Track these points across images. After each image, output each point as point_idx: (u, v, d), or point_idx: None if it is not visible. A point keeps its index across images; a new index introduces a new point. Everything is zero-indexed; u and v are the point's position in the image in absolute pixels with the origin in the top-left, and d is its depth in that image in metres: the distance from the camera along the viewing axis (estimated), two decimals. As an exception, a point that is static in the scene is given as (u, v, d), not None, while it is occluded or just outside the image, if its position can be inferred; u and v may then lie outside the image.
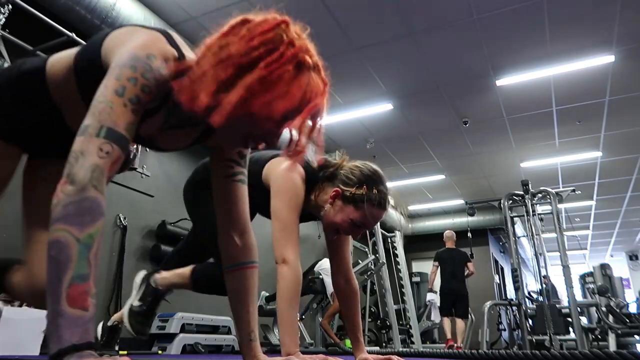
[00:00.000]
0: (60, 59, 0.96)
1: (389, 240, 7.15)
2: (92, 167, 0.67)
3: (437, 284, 6.61)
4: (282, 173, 1.39)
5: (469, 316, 6.47)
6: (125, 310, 1.73)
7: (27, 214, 1.09)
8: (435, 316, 6.59)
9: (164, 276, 1.74)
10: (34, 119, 0.99)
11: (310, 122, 0.79)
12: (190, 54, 0.86)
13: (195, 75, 0.76)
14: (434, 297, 6.59)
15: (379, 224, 6.33)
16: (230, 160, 1.02)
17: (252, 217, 1.65)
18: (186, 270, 1.69)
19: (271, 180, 1.41)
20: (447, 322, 6.26)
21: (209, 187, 1.57)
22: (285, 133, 0.83)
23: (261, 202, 1.49)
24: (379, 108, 5.75)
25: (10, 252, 2.21)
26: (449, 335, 6.18)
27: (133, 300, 1.74)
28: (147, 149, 1.06)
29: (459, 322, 6.19)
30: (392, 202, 1.44)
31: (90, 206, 0.66)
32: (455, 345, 6.03)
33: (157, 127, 0.91)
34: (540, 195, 5.54)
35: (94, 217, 0.66)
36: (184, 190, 1.70)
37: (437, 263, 6.45)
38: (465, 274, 6.37)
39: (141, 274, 1.80)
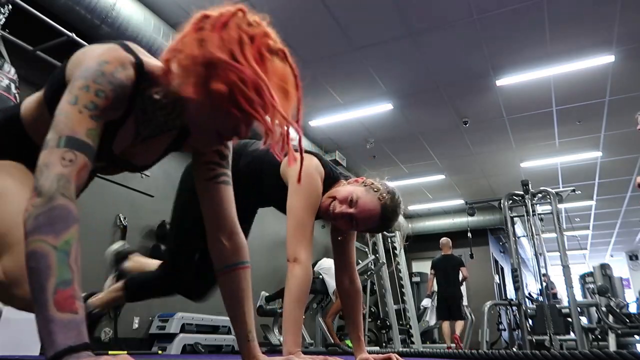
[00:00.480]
0: (32, 99, 0.98)
1: (389, 240, 7.15)
2: (57, 176, 0.67)
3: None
4: (303, 172, 1.35)
5: (469, 316, 6.54)
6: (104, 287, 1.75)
7: None
8: (430, 319, 6.82)
9: (131, 264, 1.76)
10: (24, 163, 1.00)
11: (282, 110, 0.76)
12: (150, 60, 0.87)
13: (175, 72, 0.77)
14: (427, 303, 6.86)
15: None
16: (212, 163, 1.02)
17: (258, 207, 1.65)
18: (156, 262, 1.69)
19: (290, 177, 1.39)
20: (446, 326, 6.46)
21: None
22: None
23: (275, 194, 1.48)
24: (379, 108, 5.75)
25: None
26: (448, 343, 6.34)
27: (110, 282, 1.76)
28: (126, 171, 1.07)
29: (457, 323, 6.40)
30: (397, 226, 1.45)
31: (61, 214, 0.66)
32: (456, 341, 6.15)
33: (130, 139, 0.91)
34: (540, 195, 5.53)
35: (67, 224, 0.66)
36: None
37: (433, 270, 6.74)
38: (460, 278, 6.55)
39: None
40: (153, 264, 1.70)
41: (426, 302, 6.85)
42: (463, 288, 6.66)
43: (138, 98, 0.85)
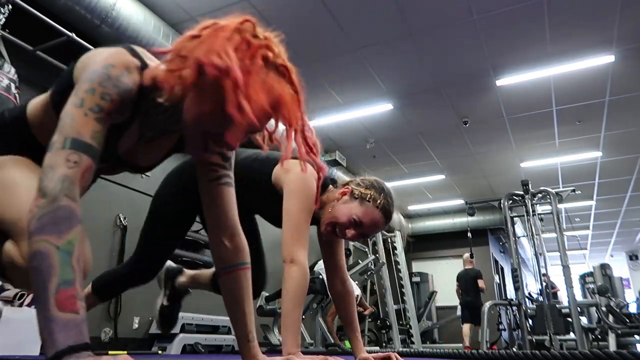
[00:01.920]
0: (38, 101, 0.98)
1: (389, 240, 7.15)
2: (61, 177, 0.68)
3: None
4: (298, 175, 1.37)
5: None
6: (157, 309, 1.83)
7: None
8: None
9: (184, 279, 1.81)
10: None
11: (279, 125, 0.77)
12: (155, 64, 0.87)
13: (169, 71, 0.76)
14: (460, 311, 7.43)
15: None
16: (214, 164, 1.03)
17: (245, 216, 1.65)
18: (208, 272, 1.74)
19: (285, 182, 1.40)
20: (466, 327, 6.96)
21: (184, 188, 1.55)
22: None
23: (265, 202, 1.49)
24: (379, 108, 5.75)
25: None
26: (466, 343, 6.81)
27: (162, 299, 1.82)
28: (131, 171, 1.07)
29: (474, 327, 6.87)
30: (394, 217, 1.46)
31: (64, 214, 0.66)
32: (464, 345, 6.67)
33: (134, 140, 0.92)
34: (540, 195, 5.53)
35: (71, 224, 0.66)
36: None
37: (457, 282, 7.39)
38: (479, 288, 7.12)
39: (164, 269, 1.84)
40: (205, 273, 1.76)
41: (459, 311, 7.43)
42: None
43: (142, 101, 0.86)
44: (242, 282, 1.04)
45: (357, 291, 5.06)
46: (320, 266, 4.77)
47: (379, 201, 1.40)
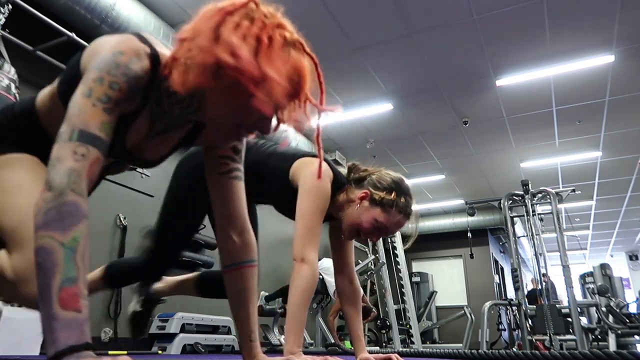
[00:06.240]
0: (46, 91, 0.97)
1: (389, 240, 7.16)
2: (68, 171, 0.67)
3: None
4: (313, 174, 1.37)
5: (470, 316, 6.58)
6: (128, 314, 1.83)
7: None
8: None
9: (161, 286, 1.78)
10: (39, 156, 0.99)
11: (303, 103, 0.77)
12: (167, 51, 0.85)
13: (178, 60, 0.76)
14: None
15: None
16: (225, 157, 1.01)
17: (253, 201, 1.64)
18: (191, 275, 1.71)
19: (300, 179, 1.40)
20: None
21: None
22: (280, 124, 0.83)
23: (282, 197, 1.49)
24: (379, 108, 5.75)
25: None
26: None
27: (134, 305, 1.81)
28: (137, 168, 1.06)
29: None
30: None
31: (70, 210, 0.66)
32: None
33: (144, 133, 0.90)
34: (540, 195, 5.53)
35: (76, 220, 0.66)
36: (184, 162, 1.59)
37: None
38: None
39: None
40: (189, 277, 1.73)
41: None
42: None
43: (153, 90, 0.83)
44: (249, 280, 1.03)
45: None
46: (320, 266, 4.77)
47: (401, 206, 1.42)
